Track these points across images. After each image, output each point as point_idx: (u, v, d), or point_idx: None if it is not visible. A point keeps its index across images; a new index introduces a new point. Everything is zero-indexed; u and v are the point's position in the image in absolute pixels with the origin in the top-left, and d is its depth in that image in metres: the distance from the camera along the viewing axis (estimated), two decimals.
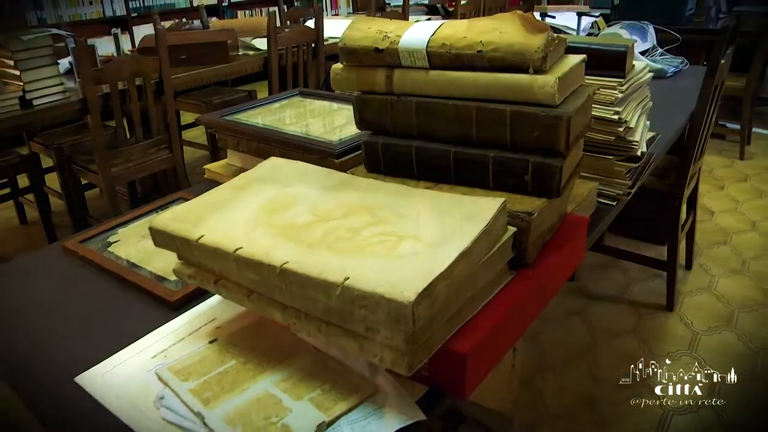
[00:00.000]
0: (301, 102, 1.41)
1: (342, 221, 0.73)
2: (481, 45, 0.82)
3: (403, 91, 0.88)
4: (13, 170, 2.93)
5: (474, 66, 0.84)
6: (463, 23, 0.86)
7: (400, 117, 0.89)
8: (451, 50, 0.83)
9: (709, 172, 3.55)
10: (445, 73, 0.85)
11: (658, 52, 2.53)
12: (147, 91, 2.51)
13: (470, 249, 0.66)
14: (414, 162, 0.90)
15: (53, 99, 2.38)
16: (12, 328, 0.91)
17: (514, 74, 0.82)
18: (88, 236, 1.18)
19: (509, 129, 0.83)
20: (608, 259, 2.55)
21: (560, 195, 0.87)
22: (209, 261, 0.73)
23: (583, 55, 0.94)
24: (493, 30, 0.83)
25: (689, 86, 2.14)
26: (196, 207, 0.80)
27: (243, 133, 1.24)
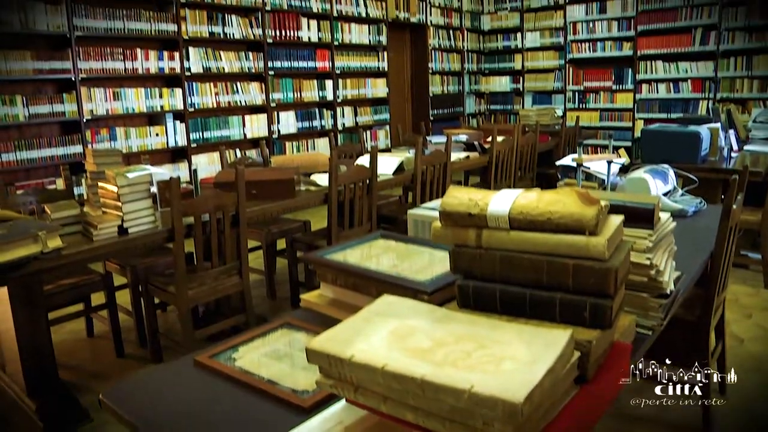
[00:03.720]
0: (384, 243, 1.71)
1: (455, 346, 0.99)
2: (549, 213, 1.11)
3: (489, 246, 1.17)
4: (91, 290, 3.24)
5: (544, 228, 1.13)
6: (533, 195, 1.16)
7: (486, 266, 1.18)
8: (527, 217, 1.13)
9: (735, 301, 3.74)
10: (522, 234, 1.14)
11: (679, 193, 2.82)
12: (225, 222, 2.86)
13: (553, 367, 0.92)
14: (498, 301, 1.17)
15: (146, 228, 2.72)
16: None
17: (574, 236, 1.11)
18: (215, 352, 1.44)
19: (571, 277, 1.11)
20: (644, 382, 2.72)
21: (611, 327, 1.13)
22: (357, 374, 0.99)
23: (622, 216, 1.24)
24: (558, 202, 1.13)
25: (708, 225, 2.40)
26: (339, 334, 1.07)
27: (343, 271, 1.52)
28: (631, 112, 8.25)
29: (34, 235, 2.36)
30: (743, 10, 7.24)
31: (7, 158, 4.50)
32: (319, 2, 6.74)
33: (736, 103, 7.32)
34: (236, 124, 6.00)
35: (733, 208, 2.24)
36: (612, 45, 8.32)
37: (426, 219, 1.83)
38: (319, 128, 6.88)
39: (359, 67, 7.32)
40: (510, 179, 4.99)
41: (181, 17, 5.44)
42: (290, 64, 6.45)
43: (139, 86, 5.27)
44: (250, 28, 6.03)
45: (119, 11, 5.02)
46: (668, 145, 3.96)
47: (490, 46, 9.52)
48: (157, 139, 5.38)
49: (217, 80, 5.86)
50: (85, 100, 4.86)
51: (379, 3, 7.53)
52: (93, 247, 2.55)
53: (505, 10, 9.28)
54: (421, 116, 8.46)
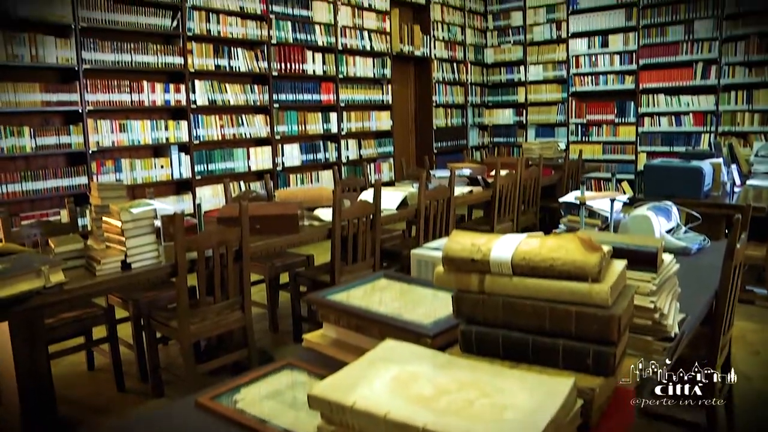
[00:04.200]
0: (387, 284, 1.71)
1: (457, 394, 0.98)
2: (552, 260, 1.11)
3: (492, 291, 1.17)
4: (93, 323, 3.24)
5: (546, 275, 1.13)
6: (536, 241, 1.16)
7: (489, 311, 1.18)
8: (529, 263, 1.13)
9: (742, 338, 3.70)
10: (524, 280, 1.14)
11: (683, 230, 2.82)
12: (228, 257, 2.86)
13: (556, 416, 0.91)
14: (500, 346, 1.17)
15: (149, 263, 2.73)
16: None
17: (577, 283, 1.11)
18: (217, 393, 1.43)
19: (574, 324, 1.11)
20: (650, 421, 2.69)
21: (614, 374, 1.13)
22: (359, 421, 0.98)
23: (625, 261, 1.24)
24: (560, 248, 1.13)
25: (712, 263, 2.38)
26: (341, 380, 1.06)
27: (345, 312, 1.52)
28: (634, 145, 8.29)
29: (36, 270, 2.37)
30: (742, 46, 7.31)
31: (12, 189, 4.53)
32: (324, 36, 6.83)
33: (738, 136, 7.37)
34: (241, 157, 6.04)
35: (737, 248, 2.24)
36: (614, 78, 8.40)
37: (429, 259, 1.83)
38: (323, 161, 6.92)
39: (363, 100, 7.39)
40: (513, 213, 5.00)
41: (187, 50, 5.51)
42: (295, 97, 6.52)
43: (145, 118, 5.32)
44: (255, 61, 6.11)
45: (127, 44, 5.10)
46: (671, 180, 3.98)
47: (493, 79, 9.62)
48: (162, 171, 5.42)
49: (222, 113, 5.92)
50: (91, 132, 4.91)
51: (384, 36, 7.62)
52: (96, 282, 2.55)
53: (509, 43, 9.38)
54: (424, 149, 8.51)
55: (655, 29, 7.99)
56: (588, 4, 8.51)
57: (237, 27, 5.95)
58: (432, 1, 8.42)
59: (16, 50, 4.47)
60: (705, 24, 7.58)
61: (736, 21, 7.37)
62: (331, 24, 6.90)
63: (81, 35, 4.80)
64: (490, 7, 9.53)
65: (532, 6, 9.06)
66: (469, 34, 9.20)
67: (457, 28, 8.99)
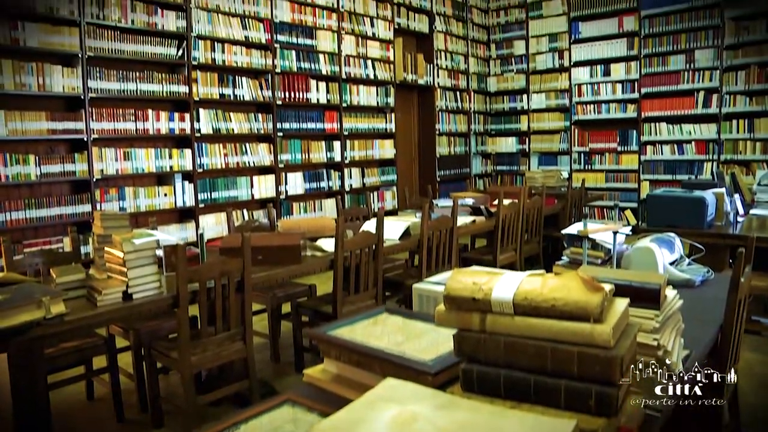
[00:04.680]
0: (389, 318, 1.70)
1: None
2: (553, 300, 1.11)
3: (493, 331, 1.16)
4: (93, 353, 3.22)
5: (548, 315, 1.12)
6: (538, 281, 1.16)
7: (490, 351, 1.17)
8: (531, 303, 1.12)
9: (749, 370, 3.65)
10: (526, 319, 1.13)
11: (686, 262, 2.81)
12: (230, 288, 2.85)
13: None
14: (502, 386, 1.16)
15: (150, 294, 2.72)
16: None
17: (579, 323, 1.10)
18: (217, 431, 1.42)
19: (576, 365, 1.10)
20: None
21: (617, 415, 1.11)
22: None
23: (627, 300, 1.23)
24: (562, 288, 1.12)
25: (717, 295, 2.37)
26: (341, 421, 1.05)
27: (346, 348, 1.51)
28: (637, 174, 8.29)
29: (37, 301, 2.36)
30: (742, 75, 7.36)
31: (16, 216, 4.54)
32: (328, 64, 6.89)
33: (740, 164, 7.38)
34: (244, 185, 6.06)
35: (741, 281, 2.22)
36: (616, 107, 8.43)
37: (431, 294, 1.82)
38: (327, 189, 6.93)
39: (367, 128, 7.43)
40: (516, 243, 4.99)
41: (192, 79, 5.56)
42: (299, 126, 6.56)
43: (150, 146, 5.35)
44: (259, 90, 6.16)
45: (132, 73, 5.15)
46: (674, 211, 3.97)
47: (496, 107, 9.67)
48: (165, 199, 5.43)
49: (226, 141, 5.95)
50: (96, 160, 4.93)
51: (387, 65, 7.69)
52: (96, 313, 2.54)
53: (511, 72, 9.45)
54: (428, 177, 8.53)
55: (656, 58, 8.05)
56: (590, 33, 8.58)
57: (242, 56, 6.01)
58: (435, 30, 8.51)
59: (24, 79, 4.51)
60: (706, 53, 7.64)
61: (736, 51, 7.42)
62: (335, 53, 6.97)
63: (88, 64, 4.85)
64: (493, 36, 9.62)
65: (535, 35, 9.14)
66: (472, 62, 9.27)
67: (461, 56, 9.07)
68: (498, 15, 9.56)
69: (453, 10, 8.88)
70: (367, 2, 7.40)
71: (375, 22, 7.50)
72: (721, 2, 7.42)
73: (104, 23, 4.94)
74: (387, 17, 7.69)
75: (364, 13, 7.36)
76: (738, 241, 3.87)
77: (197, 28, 5.58)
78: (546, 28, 9.02)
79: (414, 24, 8.21)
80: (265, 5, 6.20)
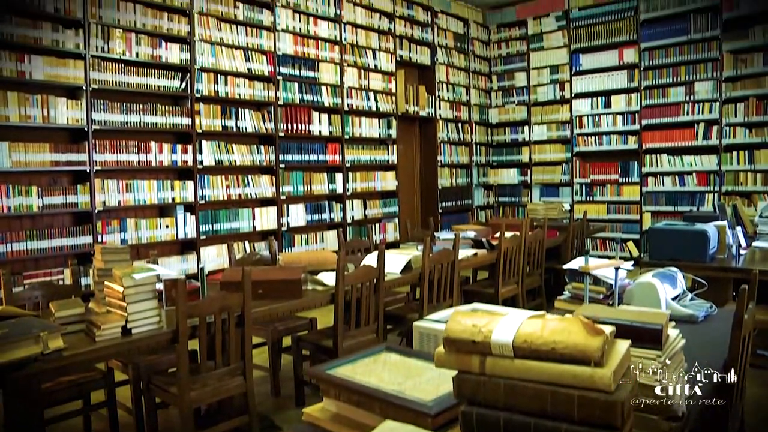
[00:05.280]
0: (390, 357, 1.68)
1: None
2: (554, 343, 1.10)
3: (493, 373, 1.15)
4: (92, 387, 3.19)
5: (548, 358, 1.11)
6: (538, 323, 1.15)
7: (490, 393, 1.15)
8: (531, 346, 1.11)
9: (755, 404, 3.60)
10: (526, 362, 1.12)
11: (689, 297, 2.79)
12: (230, 323, 2.84)
13: None
14: (501, 429, 1.14)
15: (150, 329, 2.70)
16: None
17: (579, 366, 1.08)
18: None
19: (577, 409, 1.08)
20: None
21: None
22: None
23: (629, 342, 1.22)
24: (563, 331, 1.11)
25: (720, 330, 2.35)
26: None
27: (346, 388, 1.50)
28: (638, 205, 8.29)
29: (35, 336, 2.35)
30: (742, 107, 7.40)
31: (17, 248, 4.54)
32: (331, 96, 6.95)
33: (741, 196, 7.38)
34: (246, 217, 6.07)
35: (745, 318, 2.20)
36: (617, 138, 8.47)
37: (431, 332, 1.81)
38: (329, 221, 6.93)
39: (369, 160, 7.46)
40: (518, 276, 4.97)
41: (195, 111, 5.60)
42: (301, 158, 6.58)
43: (152, 178, 5.37)
44: (262, 122, 6.20)
45: (136, 105, 5.19)
46: (676, 244, 3.96)
47: (497, 138, 9.71)
48: (167, 231, 5.43)
49: (228, 173, 5.97)
50: (98, 192, 4.95)
51: (389, 97, 7.75)
52: (95, 348, 2.53)
53: (513, 103, 9.51)
54: (430, 209, 8.54)
55: (656, 90, 8.10)
56: (591, 65, 8.66)
57: (244, 88, 6.06)
58: (437, 62, 8.59)
59: (29, 111, 4.56)
60: (705, 86, 7.69)
61: (734, 83, 7.48)
62: (338, 85, 7.03)
63: (92, 96, 4.89)
64: (495, 67, 9.71)
65: (536, 67, 9.21)
66: (473, 94, 9.34)
67: (462, 88, 9.14)
68: (499, 47, 9.65)
69: (454, 42, 8.97)
70: (369, 35, 7.49)
71: (377, 54, 7.58)
72: (720, 35, 7.50)
73: (109, 56, 4.99)
74: (389, 49, 7.77)
75: (367, 46, 7.44)
76: (741, 274, 3.85)
77: (200, 61, 5.64)
78: (547, 60, 9.10)
79: (416, 56, 8.29)
80: (268, 38, 6.28)
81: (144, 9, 5.26)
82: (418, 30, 8.32)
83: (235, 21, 5.97)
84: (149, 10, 5.29)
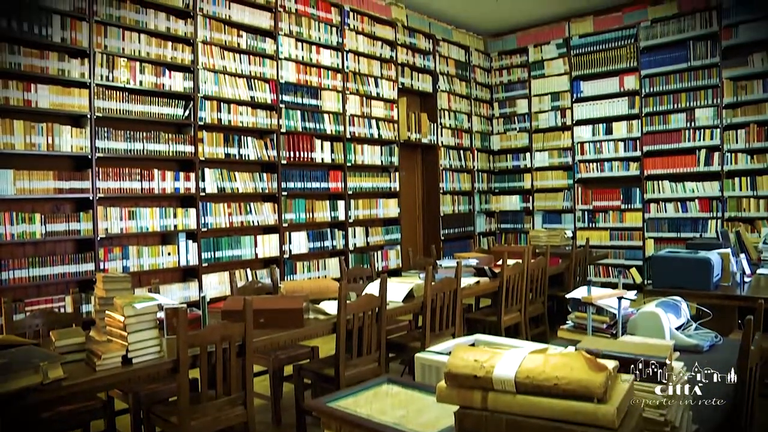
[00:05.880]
0: (391, 389, 1.67)
1: None
2: (556, 379, 1.09)
3: (495, 408, 1.14)
4: (91, 417, 3.17)
5: (551, 394, 1.10)
6: (540, 358, 1.14)
7: (492, 429, 1.14)
8: (533, 381, 1.10)
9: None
10: (528, 398, 1.11)
11: (693, 327, 2.76)
12: (231, 352, 2.82)
13: None
14: None
15: (150, 358, 2.69)
16: None
17: (583, 402, 1.07)
18: None
19: None
20: None
21: None
22: None
23: (632, 376, 1.21)
24: (565, 366, 1.10)
25: (726, 360, 2.32)
26: None
27: (347, 422, 1.48)
28: (641, 231, 8.28)
29: (35, 366, 2.34)
30: (743, 133, 7.42)
31: (19, 275, 4.54)
32: (333, 124, 6.98)
33: (744, 222, 7.36)
34: (248, 244, 6.06)
35: (752, 349, 2.18)
36: (619, 165, 8.48)
37: (433, 364, 1.79)
38: (331, 248, 6.92)
39: (371, 187, 7.47)
40: (521, 303, 4.95)
41: (198, 139, 5.63)
42: (303, 185, 6.60)
43: (154, 206, 5.38)
44: (264, 150, 6.22)
45: (140, 133, 5.22)
46: (679, 272, 3.94)
47: (499, 165, 9.74)
48: (169, 259, 5.43)
49: (230, 200, 5.99)
50: (101, 219, 4.96)
51: (391, 124, 7.79)
52: (95, 378, 2.51)
53: (514, 130, 9.55)
54: (432, 236, 8.53)
55: (657, 117, 8.13)
56: (591, 92, 8.71)
57: (247, 116, 6.10)
58: (439, 90, 8.65)
59: (34, 139, 4.59)
60: (706, 112, 7.72)
61: (735, 110, 7.51)
62: (340, 113, 7.07)
63: (96, 124, 4.93)
64: (496, 94, 9.77)
65: (537, 94, 9.27)
66: (475, 121, 9.39)
67: (464, 115, 9.19)
68: (500, 74, 9.72)
69: (456, 70, 9.04)
70: (371, 62, 7.56)
71: (379, 82, 7.64)
72: (719, 63, 7.55)
73: (113, 84, 5.04)
74: (391, 77, 7.83)
75: (369, 74, 7.50)
76: (746, 302, 3.83)
77: (204, 89, 5.69)
78: (548, 87, 9.16)
79: (418, 83, 8.35)
80: (271, 66, 6.33)
81: (148, 38, 5.31)
82: (420, 57, 8.40)
83: (238, 49, 6.03)
84: (153, 39, 5.35)
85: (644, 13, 8.18)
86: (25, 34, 4.56)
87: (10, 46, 4.48)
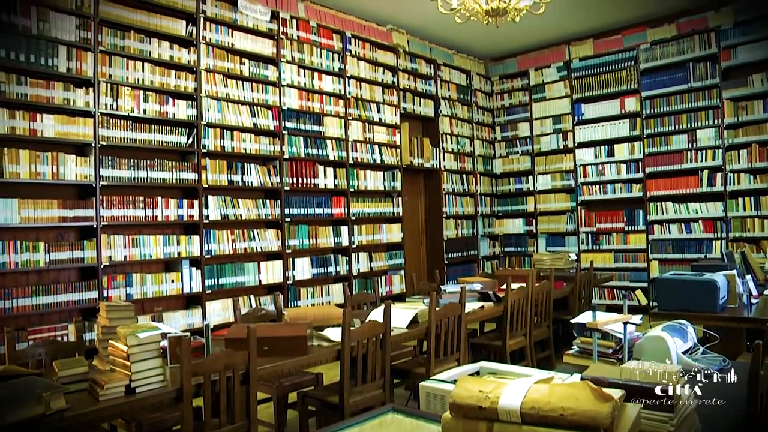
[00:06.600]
0: (396, 419, 1.65)
1: None
2: (562, 410, 1.08)
3: None
4: None
5: (557, 424, 1.09)
6: (545, 388, 1.13)
7: None
8: (539, 412, 1.09)
9: None
10: (534, 429, 1.10)
11: (700, 351, 2.73)
12: (235, 380, 2.80)
13: None
14: None
15: (153, 387, 2.67)
16: None
17: None
18: None
19: None
20: None
21: None
22: None
23: (639, 406, 1.19)
24: (570, 396, 1.09)
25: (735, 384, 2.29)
26: None
27: None
28: (645, 253, 8.25)
29: (37, 397, 2.33)
30: (745, 153, 7.43)
31: (22, 303, 4.54)
32: (336, 150, 7.01)
33: (749, 242, 7.33)
34: (251, 271, 6.06)
35: (761, 374, 2.16)
36: (622, 187, 8.49)
37: (438, 392, 1.78)
38: (334, 274, 6.91)
39: (374, 212, 7.48)
40: (526, 328, 4.92)
41: (201, 166, 5.66)
42: (306, 211, 6.61)
43: (158, 233, 5.39)
44: (267, 176, 6.25)
45: (143, 161, 5.25)
46: (685, 295, 3.90)
47: (502, 189, 9.75)
48: (173, 286, 5.42)
49: (234, 227, 6.00)
50: (104, 247, 4.97)
51: (394, 149, 7.82)
52: (98, 408, 2.50)
53: (517, 154, 9.58)
54: (436, 260, 8.51)
55: (659, 138, 8.15)
56: (593, 114, 8.74)
57: (250, 143, 6.13)
58: (441, 114, 8.69)
59: (39, 168, 4.62)
60: (707, 133, 7.73)
61: (736, 130, 7.53)
62: (342, 138, 7.10)
63: (100, 153, 4.96)
64: (498, 118, 9.81)
65: (539, 117, 9.30)
66: (477, 145, 9.42)
67: (466, 139, 9.22)
68: (502, 98, 9.77)
69: (458, 94, 9.10)
70: (373, 88, 7.61)
71: (381, 107, 7.68)
72: (719, 83, 7.58)
73: (117, 113, 5.08)
74: (393, 102, 7.88)
75: (371, 99, 7.55)
76: (754, 324, 3.79)
77: (207, 116, 5.73)
78: (549, 110, 9.20)
79: (419, 108, 8.40)
80: (274, 93, 6.38)
81: (152, 67, 5.37)
82: (422, 82, 8.46)
83: (240, 77, 6.09)
84: (157, 68, 5.41)
85: (643, 36, 8.24)
86: (32, 65, 4.62)
87: (17, 77, 4.53)
